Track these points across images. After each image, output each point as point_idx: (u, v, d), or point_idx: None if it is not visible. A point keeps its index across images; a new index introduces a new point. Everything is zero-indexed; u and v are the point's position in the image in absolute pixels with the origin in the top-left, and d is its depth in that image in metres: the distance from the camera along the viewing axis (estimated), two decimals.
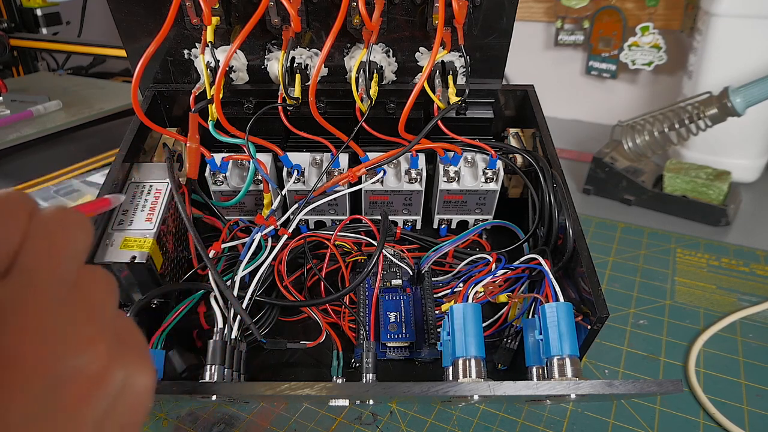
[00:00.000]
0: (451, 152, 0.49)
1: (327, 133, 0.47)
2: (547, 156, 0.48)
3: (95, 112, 0.84)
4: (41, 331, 0.18)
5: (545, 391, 0.31)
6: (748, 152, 0.77)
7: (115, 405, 0.20)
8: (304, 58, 0.49)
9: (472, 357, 0.35)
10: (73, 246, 0.21)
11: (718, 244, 0.64)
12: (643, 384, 0.32)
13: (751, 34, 0.69)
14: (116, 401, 0.20)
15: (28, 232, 0.20)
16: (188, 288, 0.43)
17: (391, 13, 0.47)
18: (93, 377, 0.19)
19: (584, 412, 0.43)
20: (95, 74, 1.20)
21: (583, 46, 0.97)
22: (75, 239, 0.21)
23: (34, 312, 0.18)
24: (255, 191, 0.51)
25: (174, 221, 0.45)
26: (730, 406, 0.43)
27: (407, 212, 0.53)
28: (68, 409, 0.19)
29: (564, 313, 0.36)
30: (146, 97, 0.52)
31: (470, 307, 0.37)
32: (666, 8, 0.87)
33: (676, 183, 0.70)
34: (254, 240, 0.44)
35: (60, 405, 0.18)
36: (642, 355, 0.48)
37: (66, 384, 0.18)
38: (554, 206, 0.45)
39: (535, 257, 0.42)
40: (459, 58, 0.50)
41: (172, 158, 0.47)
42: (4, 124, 0.78)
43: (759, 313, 0.53)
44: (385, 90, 0.50)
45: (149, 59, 0.39)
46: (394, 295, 0.47)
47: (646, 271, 0.59)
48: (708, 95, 0.71)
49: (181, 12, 0.45)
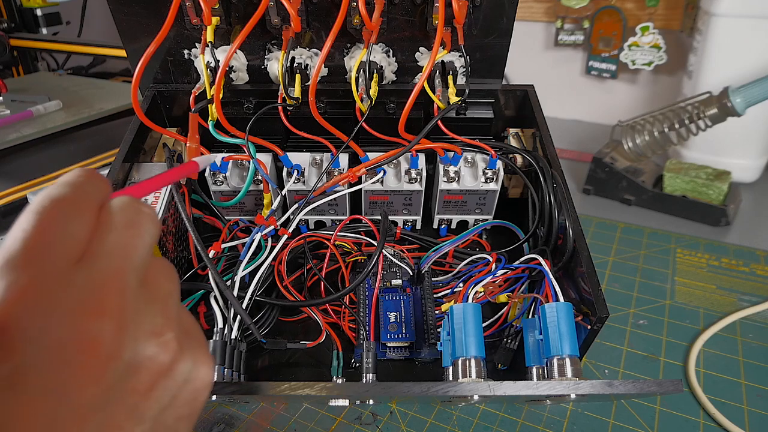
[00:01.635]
0: (451, 152, 0.49)
1: (327, 133, 0.47)
2: (547, 156, 0.48)
3: (95, 112, 0.84)
4: (118, 317, 0.18)
5: (545, 391, 0.31)
6: (748, 152, 0.77)
7: (177, 396, 0.21)
8: (304, 58, 0.49)
9: (472, 357, 0.35)
10: (145, 238, 0.21)
11: (718, 244, 0.64)
12: (643, 384, 0.32)
13: (751, 34, 0.69)
14: (179, 392, 0.21)
15: (104, 221, 0.20)
16: (188, 288, 0.43)
17: (391, 13, 0.47)
18: (162, 367, 0.20)
19: (584, 412, 0.43)
20: (95, 74, 1.20)
21: (583, 46, 0.97)
22: (147, 231, 0.21)
23: (112, 298, 0.18)
24: (255, 191, 0.51)
25: (174, 221, 0.45)
26: (730, 406, 0.43)
27: (407, 212, 0.53)
28: (135, 396, 0.19)
29: (564, 313, 0.36)
30: (146, 97, 0.52)
31: (470, 307, 0.37)
32: (666, 8, 0.87)
33: (676, 183, 0.70)
34: (254, 240, 0.44)
35: (128, 392, 0.19)
36: (642, 355, 0.48)
37: (137, 372, 0.19)
38: (554, 206, 0.45)
39: (535, 257, 0.42)
40: (459, 58, 0.50)
41: (172, 158, 0.47)
42: (4, 124, 0.78)
43: (759, 313, 0.53)
44: (385, 90, 0.50)
45: (149, 59, 0.39)
46: (394, 295, 0.47)
47: (646, 271, 0.59)
48: (708, 95, 0.71)
49: (181, 12, 0.45)
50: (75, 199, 0.20)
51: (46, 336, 0.17)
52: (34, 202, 0.19)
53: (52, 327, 0.17)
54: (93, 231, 0.20)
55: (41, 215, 0.19)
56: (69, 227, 0.19)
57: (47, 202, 0.19)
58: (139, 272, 0.20)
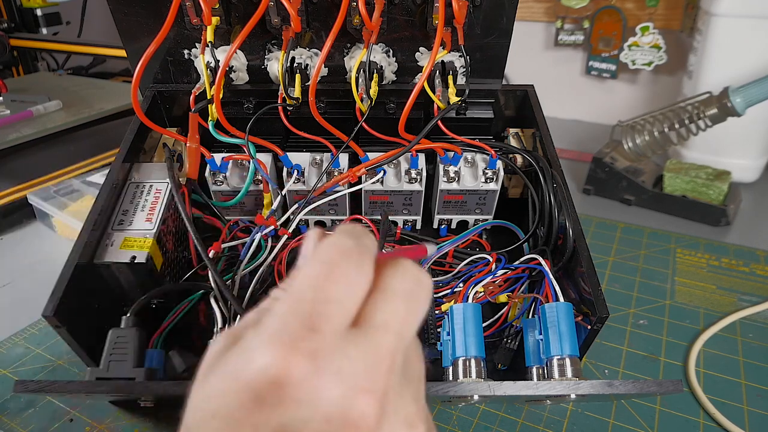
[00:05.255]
0: (451, 152, 0.49)
1: (327, 133, 0.47)
2: (547, 156, 0.48)
3: (95, 112, 0.84)
4: (383, 400, 0.18)
5: (545, 391, 0.31)
6: (748, 152, 0.77)
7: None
8: (304, 58, 0.49)
9: (472, 357, 0.35)
10: (420, 314, 0.20)
11: (718, 244, 0.64)
12: (643, 384, 0.32)
13: (751, 34, 0.69)
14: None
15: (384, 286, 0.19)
16: (188, 288, 0.43)
17: (391, 13, 0.47)
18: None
19: (584, 412, 0.43)
20: (95, 74, 1.20)
21: (583, 46, 0.97)
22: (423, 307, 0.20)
23: (382, 378, 0.18)
24: (255, 191, 0.51)
25: (174, 221, 0.45)
26: (730, 406, 0.43)
27: (407, 212, 0.53)
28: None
29: (564, 313, 0.36)
30: (146, 97, 0.52)
31: (470, 307, 0.37)
32: (666, 8, 0.87)
33: (676, 183, 0.70)
34: (254, 240, 0.44)
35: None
36: (642, 355, 0.48)
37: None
38: (554, 206, 0.45)
39: (535, 257, 0.42)
40: (459, 58, 0.50)
41: (172, 158, 0.47)
42: (4, 124, 0.78)
43: (759, 313, 0.53)
44: (385, 90, 0.50)
45: (149, 59, 0.39)
46: None
47: (646, 271, 0.59)
48: (708, 95, 0.71)
49: (181, 12, 0.45)
50: (360, 252, 0.19)
51: (316, 401, 0.17)
52: (322, 250, 0.19)
53: (323, 393, 0.17)
54: (371, 293, 0.19)
55: (330, 267, 0.18)
56: (353, 285, 0.18)
57: (336, 253, 0.19)
58: (405, 351, 0.19)
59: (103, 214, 0.42)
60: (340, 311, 0.18)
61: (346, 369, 0.17)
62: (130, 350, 0.35)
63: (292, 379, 0.16)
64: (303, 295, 0.18)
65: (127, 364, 0.35)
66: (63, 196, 0.65)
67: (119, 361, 0.35)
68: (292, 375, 0.16)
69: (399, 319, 0.19)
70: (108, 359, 0.35)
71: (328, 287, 0.18)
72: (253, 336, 0.18)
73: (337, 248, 0.19)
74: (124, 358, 0.35)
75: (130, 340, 0.36)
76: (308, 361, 0.17)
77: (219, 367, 0.18)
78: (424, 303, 0.20)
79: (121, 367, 0.35)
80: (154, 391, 0.32)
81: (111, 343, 0.35)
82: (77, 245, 0.38)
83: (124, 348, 0.35)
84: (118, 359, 0.35)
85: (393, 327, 0.19)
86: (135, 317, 0.37)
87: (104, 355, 0.35)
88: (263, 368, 0.17)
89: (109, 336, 0.36)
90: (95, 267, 0.40)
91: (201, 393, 0.18)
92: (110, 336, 0.36)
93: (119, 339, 0.36)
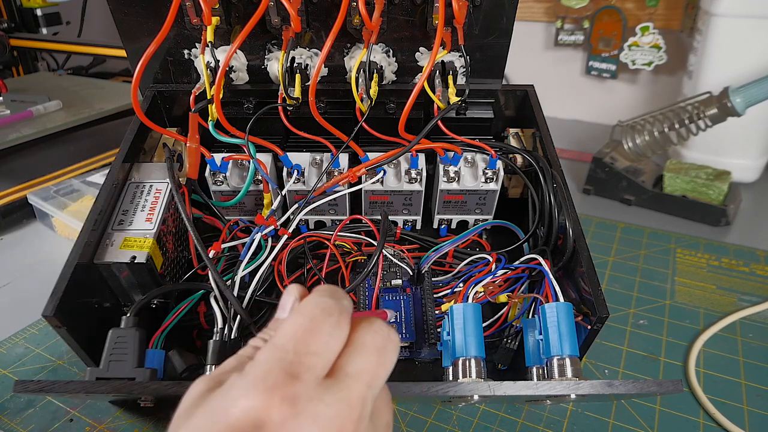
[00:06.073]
0: (451, 152, 0.49)
1: (327, 133, 0.47)
2: (547, 156, 0.48)
3: (95, 112, 0.84)
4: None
5: (545, 391, 0.31)
6: (748, 152, 0.77)
7: None
8: (304, 58, 0.49)
9: (472, 357, 0.35)
10: (389, 367, 0.22)
11: (718, 244, 0.64)
12: (643, 384, 0.32)
13: (751, 34, 0.69)
14: None
15: (357, 341, 0.21)
16: (188, 288, 0.43)
17: (391, 13, 0.47)
18: None
19: (584, 412, 0.43)
20: (95, 74, 1.20)
21: (583, 46, 0.97)
22: (391, 360, 0.22)
23: (351, 425, 0.19)
24: (255, 191, 0.51)
25: (174, 221, 0.45)
26: (730, 406, 0.43)
27: (407, 212, 0.53)
28: None
29: (564, 313, 0.36)
30: (146, 97, 0.52)
31: (470, 307, 0.37)
32: (666, 8, 0.87)
33: (676, 183, 0.70)
34: (254, 240, 0.44)
35: None
36: (642, 355, 0.48)
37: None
38: (554, 206, 0.45)
39: (535, 257, 0.42)
40: (459, 58, 0.50)
41: (172, 158, 0.47)
42: (4, 124, 0.78)
43: (759, 313, 0.53)
44: (385, 90, 0.50)
45: (149, 59, 0.39)
46: (394, 295, 0.46)
47: (646, 271, 0.59)
48: (708, 95, 0.71)
49: (181, 12, 0.45)
50: (339, 311, 0.21)
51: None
52: (305, 306, 0.21)
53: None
54: (345, 346, 0.21)
55: (312, 322, 0.20)
56: (332, 339, 0.21)
57: (318, 311, 0.21)
58: (374, 401, 0.21)
59: (103, 214, 0.42)
60: (319, 362, 0.20)
61: (322, 414, 0.19)
62: (130, 350, 0.35)
63: (273, 421, 0.18)
64: (286, 345, 0.20)
65: (127, 364, 0.35)
66: (63, 196, 0.65)
67: (119, 361, 0.35)
68: (273, 418, 0.18)
69: (370, 369, 0.21)
70: (108, 359, 0.35)
71: (310, 340, 0.20)
72: (236, 379, 0.19)
73: (319, 306, 0.21)
74: (124, 358, 0.35)
75: (130, 340, 0.36)
76: (288, 406, 0.18)
77: (202, 407, 0.19)
78: (393, 357, 0.22)
79: (121, 367, 0.35)
80: (154, 391, 0.32)
81: (111, 343, 0.35)
82: (77, 245, 0.38)
83: (124, 348, 0.35)
84: (118, 359, 0.35)
85: (364, 377, 0.21)
86: (135, 317, 0.37)
87: (104, 355, 0.35)
88: (246, 410, 0.18)
89: (109, 336, 0.36)
90: (95, 267, 0.40)
91: (183, 431, 0.19)
92: (110, 336, 0.36)
93: (119, 339, 0.36)
